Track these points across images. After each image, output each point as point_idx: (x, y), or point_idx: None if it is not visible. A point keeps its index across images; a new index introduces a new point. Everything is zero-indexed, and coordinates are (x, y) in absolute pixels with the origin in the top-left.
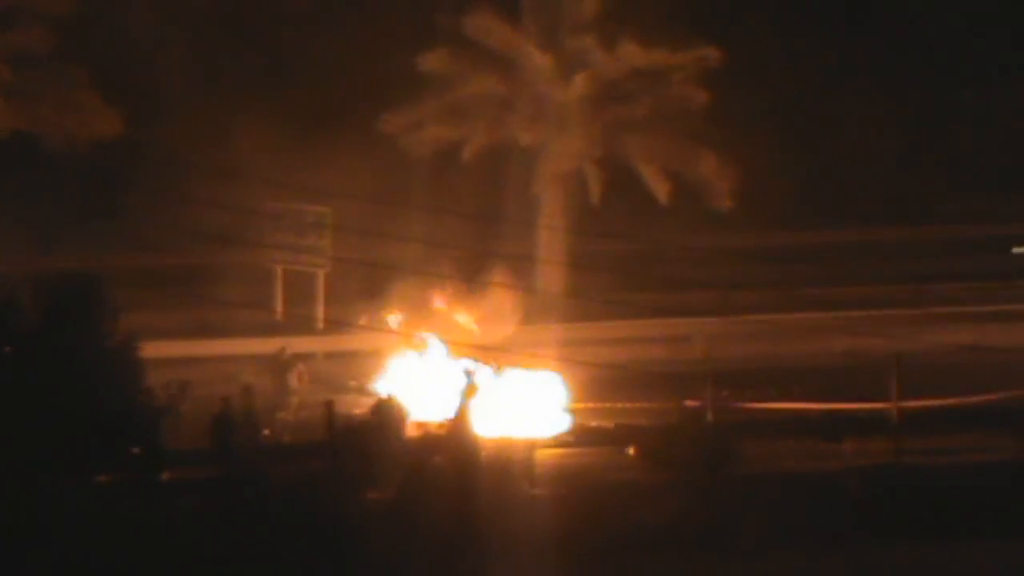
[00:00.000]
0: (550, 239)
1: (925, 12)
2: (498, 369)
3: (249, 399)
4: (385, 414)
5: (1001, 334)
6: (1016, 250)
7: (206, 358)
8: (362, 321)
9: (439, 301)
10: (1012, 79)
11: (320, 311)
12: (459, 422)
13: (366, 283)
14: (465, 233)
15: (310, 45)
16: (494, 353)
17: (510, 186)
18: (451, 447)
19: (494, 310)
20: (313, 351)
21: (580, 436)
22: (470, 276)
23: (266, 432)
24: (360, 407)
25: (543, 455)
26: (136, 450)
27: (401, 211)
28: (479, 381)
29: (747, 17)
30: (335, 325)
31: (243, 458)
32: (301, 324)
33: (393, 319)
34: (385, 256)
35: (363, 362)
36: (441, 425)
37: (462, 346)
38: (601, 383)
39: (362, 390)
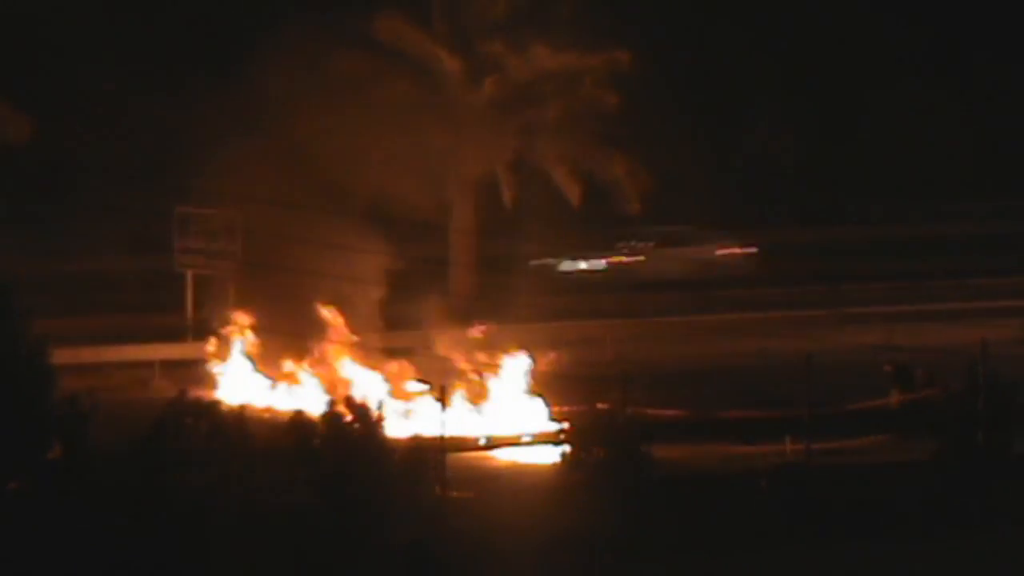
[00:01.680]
0: (463, 243)
1: (831, 15)
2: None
3: None
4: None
5: (912, 334)
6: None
7: (114, 364)
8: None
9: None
10: (919, 80)
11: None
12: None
13: (278, 289)
14: (381, 238)
15: (220, 48)
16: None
17: (424, 191)
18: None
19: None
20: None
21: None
22: (384, 280)
23: None
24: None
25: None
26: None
27: (314, 216)
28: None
29: (659, 21)
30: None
31: None
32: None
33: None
34: (299, 261)
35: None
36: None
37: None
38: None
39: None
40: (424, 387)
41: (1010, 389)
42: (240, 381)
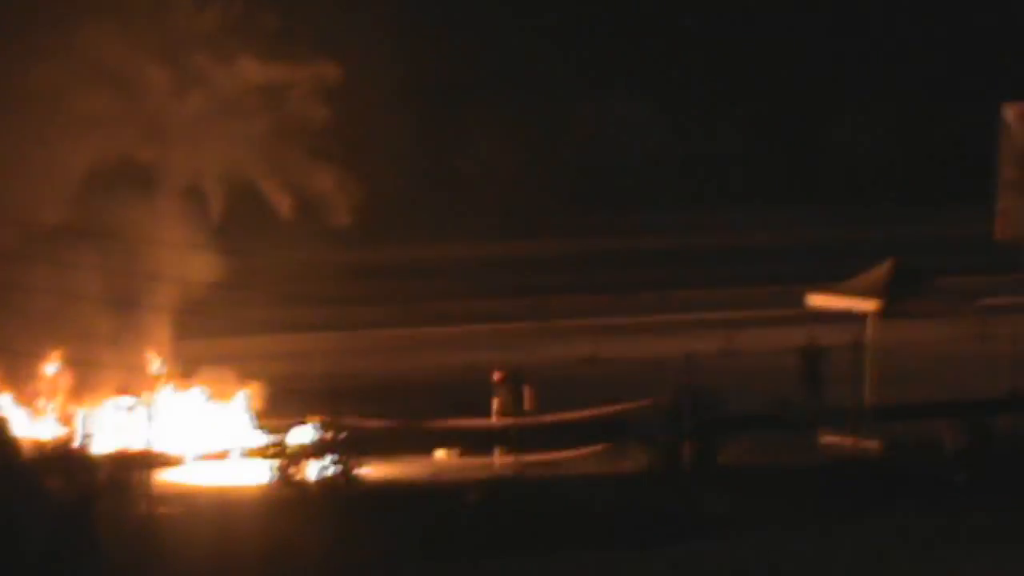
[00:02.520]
0: (172, 256)
1: (545, 27)
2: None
3: None
4: None
5: (620, 346)
6: None
7: None
8: None
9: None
10: (629, 94)
11: None
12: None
13: None
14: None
15: None
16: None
17: (132, 204)
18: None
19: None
20: None
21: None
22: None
23: None
24: None
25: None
26: None
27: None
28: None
29: (369, 32)
30: None
31: None
32: None
33: None
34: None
35: None
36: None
37: None
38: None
39: None
40: (129, 401)
41: (714, 401)
42: None
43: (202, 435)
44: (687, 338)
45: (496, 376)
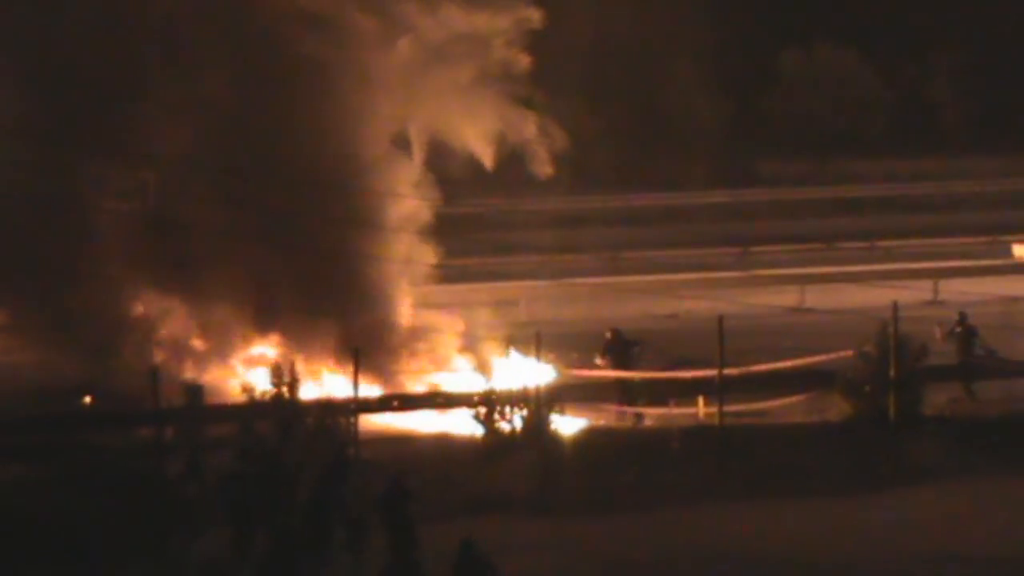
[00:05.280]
0: (381, 204)
1: None
2: None
3: None
4: None
5: (825, 295)
6: None
7: None
8: None
9: None
10: (833, 42)
11: None
12: None
13: None
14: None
15: None
16: None
17: (340, 151)
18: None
19: None
20: None
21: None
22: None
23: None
24: None
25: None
26: None
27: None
28: None
29: None
30: None
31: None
32: None
33: None
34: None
35: None
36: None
37: None
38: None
39: None
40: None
41: (919, 351)
42: None
43: (412, 381)
44: (893, 288)
45: (608, 335)
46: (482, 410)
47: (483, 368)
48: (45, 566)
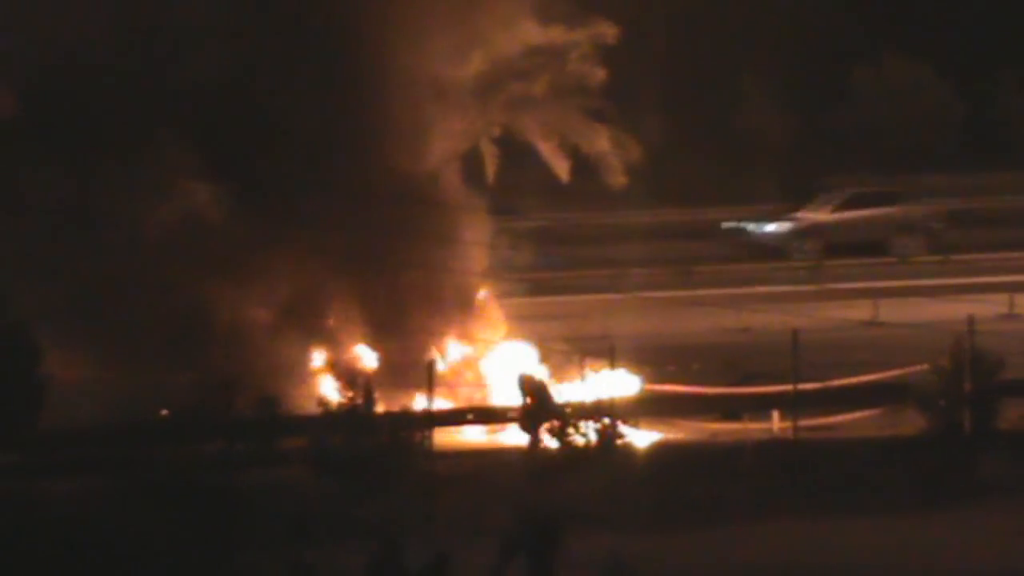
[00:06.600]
0: (454, 218)
1: None
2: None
3: None
4: None
5: (899, 309)
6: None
7: None
8: None
9: None
10: (905, 56)
11: None
12: None
13: None
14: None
15: None
16: None
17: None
18: None
19: None
20: None
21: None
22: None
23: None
24: None
25: None
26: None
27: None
28: None
29: None
30: None
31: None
32: None
33: None
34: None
35: None
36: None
37: None
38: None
39: None
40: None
41: (994, 365)
42: None
43: (487, 394)
44: (968, 301)
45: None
46: (555, 424)
47: (558, 381)
48: None
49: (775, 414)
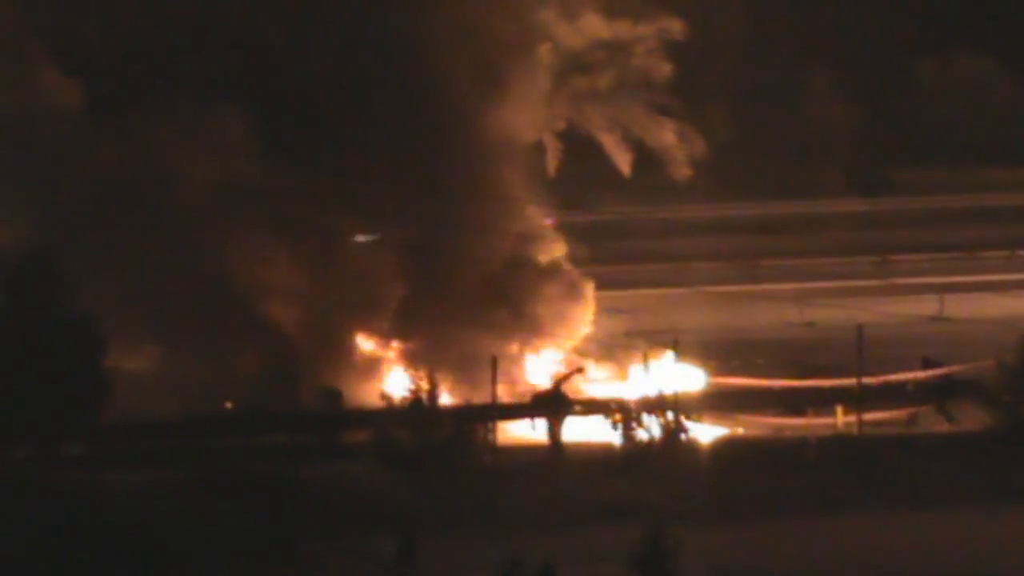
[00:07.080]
0: (507, 210)
1: None
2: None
3: None
4: None
5: (964, 304)
6: None
7: None
8: None
9: None
10: (971, 50)
11: None
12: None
13: None
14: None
15: None
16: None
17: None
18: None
19: None
20: None
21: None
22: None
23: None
24: None
25: None
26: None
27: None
28: None
29: None
30: None
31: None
32: None
33: None
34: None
35: None
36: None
37: None
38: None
39: None
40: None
41: None
42: None
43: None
44: None
45: None
46: (619, 417)
47: (622, 375)
48: (176, 570)
49: (839, 409)
